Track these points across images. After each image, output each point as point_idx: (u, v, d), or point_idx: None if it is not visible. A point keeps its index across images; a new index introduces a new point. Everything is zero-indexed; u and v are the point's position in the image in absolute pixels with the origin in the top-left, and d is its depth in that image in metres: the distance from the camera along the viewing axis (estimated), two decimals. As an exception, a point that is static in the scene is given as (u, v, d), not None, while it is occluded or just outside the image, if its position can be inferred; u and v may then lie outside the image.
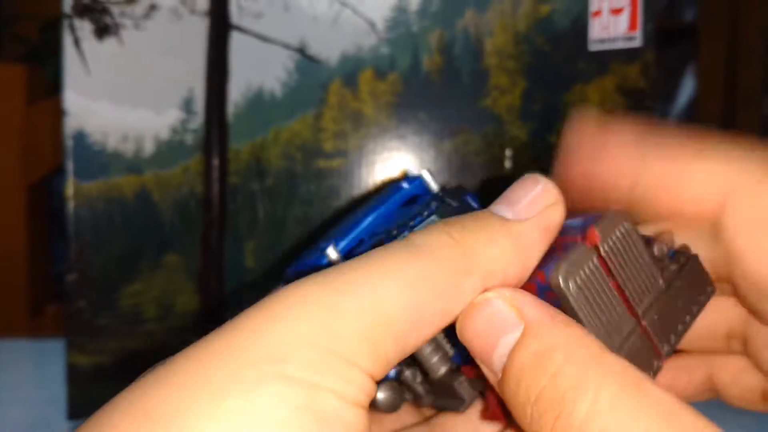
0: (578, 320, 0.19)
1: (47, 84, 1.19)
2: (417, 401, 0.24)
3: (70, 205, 0.59)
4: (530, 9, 0.59)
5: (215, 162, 0.60)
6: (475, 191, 0.58)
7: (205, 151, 0.60)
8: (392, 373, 0.23)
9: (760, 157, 0.20)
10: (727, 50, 1.75)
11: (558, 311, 0.18)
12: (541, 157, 0.59)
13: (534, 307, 0.18)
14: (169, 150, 0.60)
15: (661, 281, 0.21)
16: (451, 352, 0.23)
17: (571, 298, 0.19)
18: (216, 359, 0.16)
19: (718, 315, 0.24)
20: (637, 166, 0.22)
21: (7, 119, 1.02)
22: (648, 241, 0.21)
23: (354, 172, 0.60)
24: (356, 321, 0.16)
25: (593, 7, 0.58)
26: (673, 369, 0.25)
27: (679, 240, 0.21)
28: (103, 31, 0.59)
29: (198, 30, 0.59)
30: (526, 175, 0.21)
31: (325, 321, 0.16)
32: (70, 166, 0.59)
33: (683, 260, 0.21)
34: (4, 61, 1.22)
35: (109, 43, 0.59)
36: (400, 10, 0.59)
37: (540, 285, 0.20)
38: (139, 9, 0.59)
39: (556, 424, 0.16)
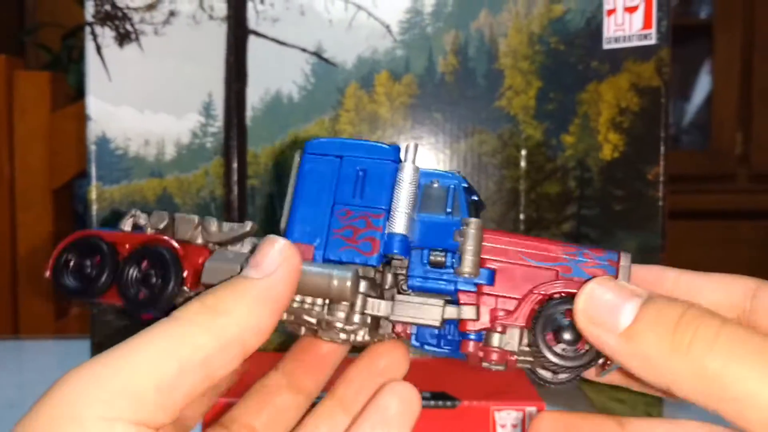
0: None
1: (69, 91, 1.21)
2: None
3: (94, 209, 0.60)
4: (544, 9, 0.59)
5: (234, 165, 0.61)
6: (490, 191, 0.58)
7: (225, 154, 0.61)
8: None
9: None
10: (743, 47, 1.74)
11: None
12: (555, 156, 0.60)
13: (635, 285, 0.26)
14: (189, 154, 0.61)
15: None
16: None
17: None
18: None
19: None
20: None
21: (32, 125, 1.04)
22: None
23: (371, 173, 0.60)
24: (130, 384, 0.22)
25: (608, 5, 0.58)
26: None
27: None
28: (123, 37, 0.60)
29: (216, 35, 0.60)
30: (267, 237, 0.26)
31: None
32: (93, 170, 0.60)
33: None
34: (27, 68, 1.24)
35: (130, 49, 0.60)
36: (415, 12, 0.60)
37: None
38: (158, 16, 0.60)
39: (696, 332, 0.23)
